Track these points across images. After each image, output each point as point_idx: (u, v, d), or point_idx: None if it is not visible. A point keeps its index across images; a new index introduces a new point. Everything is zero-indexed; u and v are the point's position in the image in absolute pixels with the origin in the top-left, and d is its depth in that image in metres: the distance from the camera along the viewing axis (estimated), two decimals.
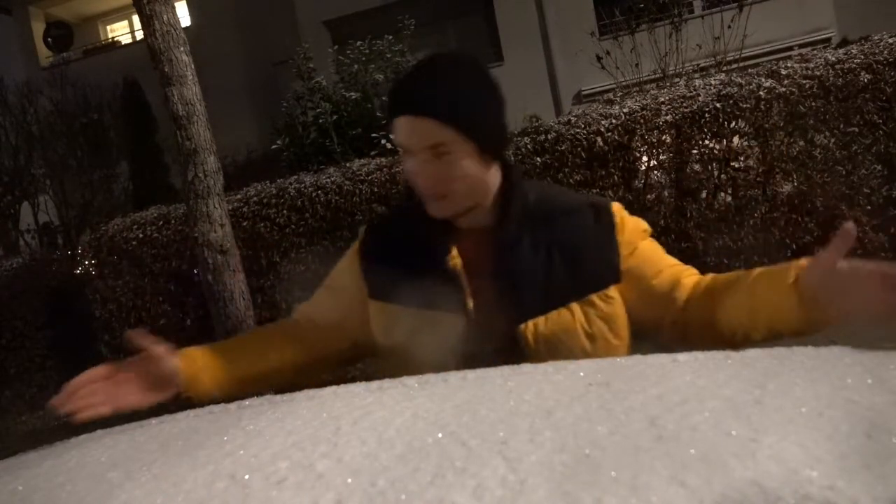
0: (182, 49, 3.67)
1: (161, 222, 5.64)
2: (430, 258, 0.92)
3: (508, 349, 0.86)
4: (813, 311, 0.80)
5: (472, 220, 0.94)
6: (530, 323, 0.88)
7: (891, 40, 4.48)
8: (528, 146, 4.82)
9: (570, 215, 0.94)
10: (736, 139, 4.60)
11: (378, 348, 0.99)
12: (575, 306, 0.89)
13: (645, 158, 4.78)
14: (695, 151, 4.64)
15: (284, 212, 5.28)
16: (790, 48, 8.64)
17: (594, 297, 0.90)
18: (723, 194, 4.68)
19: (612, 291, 0.91)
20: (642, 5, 7.25)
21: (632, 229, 0.94)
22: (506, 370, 0.82)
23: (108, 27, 14.91)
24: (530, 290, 0.89)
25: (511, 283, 0.90)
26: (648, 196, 4.76)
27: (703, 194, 4.68)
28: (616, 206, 0.97)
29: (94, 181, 9.54)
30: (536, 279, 0.90)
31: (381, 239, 1.02)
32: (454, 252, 0.92)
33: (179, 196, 5.56)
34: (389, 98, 0.92)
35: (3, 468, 0.68)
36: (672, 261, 0.96)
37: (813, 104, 4.41)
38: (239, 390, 0.97)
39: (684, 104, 4.58)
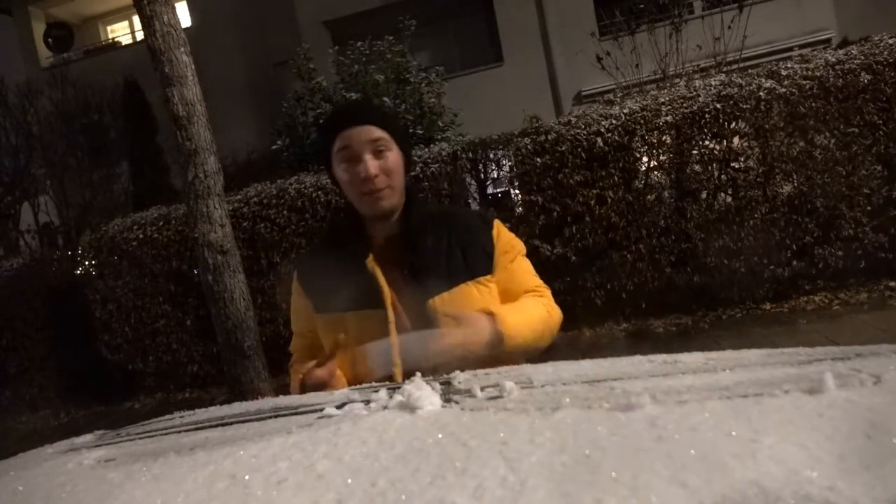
0: (182, 49, 3.67)
1: (161, 223, 5.64)
2: (352, 267, 1.14)
3: (424, 323, 1.09)
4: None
5: (384, 230, 1.18)
6: (437, 298, 1.11)
7: (891, 41, 4.48)
8: (529, 147, 4.82)
9: (461, 220, 1.22)
10: (736, 140, 4.60)
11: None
12: (470, 284, 1.15)
13: (645, 159, 4.78)
14: (695, 152, 4.64)
15: (285, 212, 5.28)
16: (790, 49, 8.63)
17: (482, 279, 1.16)
18: (723, 195, 4.68)
19: (492, 280, 1.18)
20: (642, 6, 7.25)
21: (508, 240, 1.22)
22: (504, 370, 0.82)
23: (109, 27, 14.91)
24: (435, 274, 1.13)
25: (419, 270, 1.13)
26: (648, 196, 4.76)
27: (704, 195, 4.68)
28: (496, 220, 1.24)
29: (95, 181, 9.53)
30: (439, 265, 1.14)
31: (311, 262, 1.28)
32: (370, 257, 1.14)
33: (180, 196, 5.56)
34: (330, 121, 1.18)
35: (3, 468, 0.68)
36: (535, 283, 1.24)
37: (813, 105, 4.41)
38: None
39: (684, 105, 4.58)
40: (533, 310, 1.17)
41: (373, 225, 1.19)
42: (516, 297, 1.20)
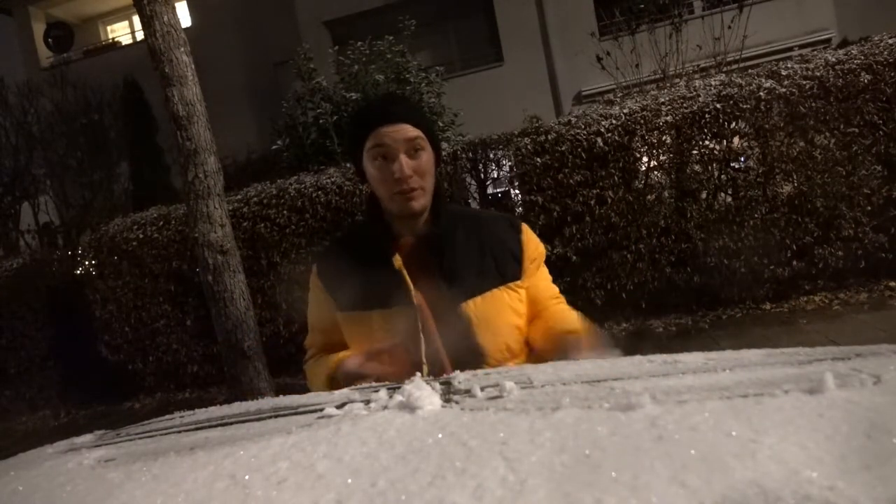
0: (182, 49, 3.67)
1: (161, 223, 5.64)
2: (377, 265, 1.12)
3: (454, 325, 1.08)
4: None
5: (411, 229, 1.15)
6: (470, 301, 1.10)
7: (891, 41, 4.48)
8: (529, 146, 4.81)
9: (488, 223, 1.20)
10: (736, 140, 4.60)
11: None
12: (502, 289, 1.13)
13: (645, 159, 4.78)
14: (695, 152, 4.64)
15: (285, 212, 5.28)
16: (790, 49, 8.63)
17: (512, 285, 1.15)
18: (723, 195, 4.68)
19: (522, 286, 1.16)
20: (642, 6, 7.26)
21: (535, 246, 1.20)
22: (504, 370, 0.82)
23: (109, 27, 14.91)
24: (466, 277, 1.11)
25: (452, 272, 1.11)
26: (648, 196, 4.75)
27: (704, 195, 4.68)
28: (524, 225, 1.22)
29: (95, 181, 9.53)
30: (470, 268, 1.12)
31: (332, 258, 1.24)
32: (397, 257, 1.12)
33: (180, 196, 5.56)
34: (365, 115, 1.13)
35: (3, 468, 0.68)
36: (554, 290, 1.23)
37: (813, 105, 4.41)
38: None
39: (684, 105, 4.58)
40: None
41: (399, 223, 1.15)
42: (540, 303, 1.18)
